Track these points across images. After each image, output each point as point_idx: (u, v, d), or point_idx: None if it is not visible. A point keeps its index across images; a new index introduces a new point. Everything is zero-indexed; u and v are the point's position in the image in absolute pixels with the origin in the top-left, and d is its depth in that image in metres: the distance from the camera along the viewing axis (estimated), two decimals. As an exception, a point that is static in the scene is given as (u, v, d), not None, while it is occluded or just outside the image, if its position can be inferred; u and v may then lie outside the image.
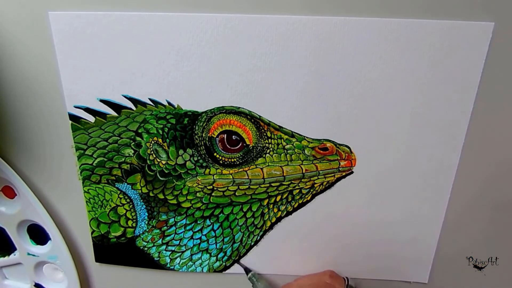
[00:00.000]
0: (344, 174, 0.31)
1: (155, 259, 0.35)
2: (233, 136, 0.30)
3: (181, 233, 0.34)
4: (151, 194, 0.33)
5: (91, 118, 0.31)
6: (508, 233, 0.33)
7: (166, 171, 0.32)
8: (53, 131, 0.32)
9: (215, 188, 0.32)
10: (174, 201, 0.33)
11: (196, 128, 0.30)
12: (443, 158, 0.30)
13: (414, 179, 0.31)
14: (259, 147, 0.30)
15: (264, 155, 0.31)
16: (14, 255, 0.37)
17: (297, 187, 0.31)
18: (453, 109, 0.28)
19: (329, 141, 0.30)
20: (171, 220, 0.34)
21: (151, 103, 0.30)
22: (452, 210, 0.32)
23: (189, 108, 0.30)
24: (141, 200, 0.33)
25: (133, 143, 0.31)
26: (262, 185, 0.31)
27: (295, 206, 0.32)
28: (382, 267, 0.35)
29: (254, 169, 0.31)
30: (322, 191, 0.32)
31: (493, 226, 0.33)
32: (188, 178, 0.32)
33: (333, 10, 0.26)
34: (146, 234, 0.34)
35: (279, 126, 0.30)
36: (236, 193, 0.32)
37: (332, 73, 0.28)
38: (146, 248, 0.35)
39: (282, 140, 0.30)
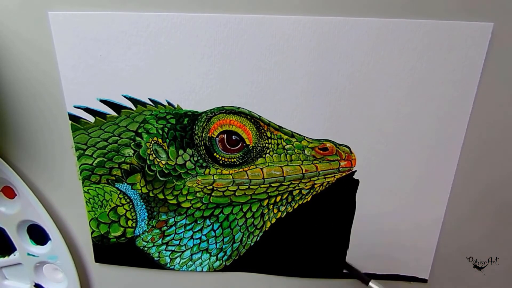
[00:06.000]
0: (344, 174, 0.31)
1: (155, 259, 0.35)
2: (233, 136, 0.30)
3: (181, 233, 0.34)
4: (151, 194, 0.33)
5: (91, 118, 0.31)
6: (508, 233, 0.33)
7: (166, 171, 0.32)
8: (53, 131, 0.32)
9: (215, 188, 0.32)
10: (174, 201, 0.33)
11: (196, 128, 0.30)
12: (443, 158, 0.30)
13: (414, 179, 0.31)
14: (259, 147, 0.30)
15: (264, 155, 0.31)
16: (14, 255, 0.37)
17: (297, 187, 0.31)
18: (453, 109, 0.28)
19: (329, 141, 0.30)
20: (171, 220, 0.34)
21: (151, 103, 0.30)
22: (452, 210, 0.32)
23: (189, 108, 0.30)
24: (141, 200, 0.33)
25: (133, 143, 0.31)
26: (262, 185, 0.31)
27: (295, 206, 0.32)
28: (381, 268, 0.35)
29: (254, 169, 0.31)
30: (322, 192, 0.32)
31: (493, 226, 0.33)
32: (188, 178, 0.32)
33: (333, 10, 0.26)
34: (146, 234, 0.34)
35: (279, 126, 0.30)
36: (236, 193, 0.32)
37: (332, 73, 0.28)
38: (146, 248, 0.35)
39: (282, 140, 0.30)
